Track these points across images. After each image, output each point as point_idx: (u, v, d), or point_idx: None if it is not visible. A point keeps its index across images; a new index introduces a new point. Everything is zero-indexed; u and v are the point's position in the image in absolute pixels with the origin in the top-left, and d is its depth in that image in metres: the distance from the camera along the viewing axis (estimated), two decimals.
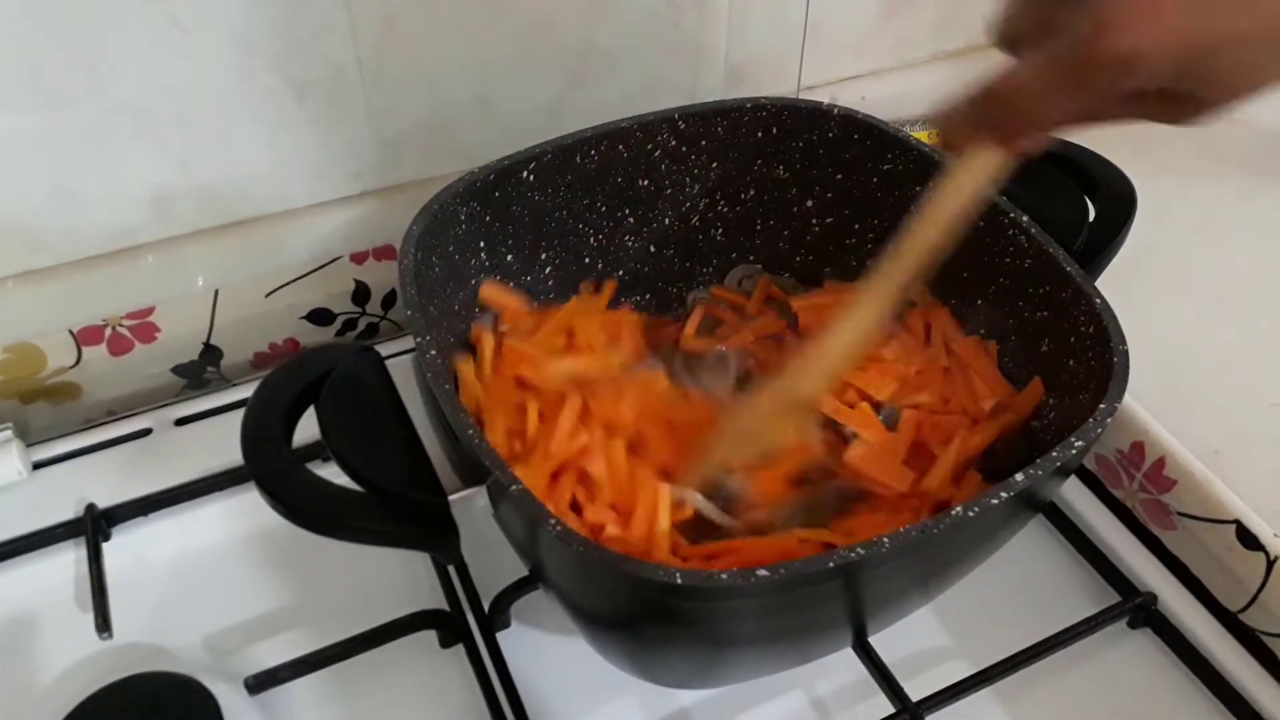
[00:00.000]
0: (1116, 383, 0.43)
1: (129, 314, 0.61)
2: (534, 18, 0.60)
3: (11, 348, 0.59)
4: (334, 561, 0.53)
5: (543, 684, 0.49)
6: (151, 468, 0.57)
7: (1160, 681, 0.50)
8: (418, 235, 0.48)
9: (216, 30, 0.53)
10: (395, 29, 0.57)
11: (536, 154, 0.53)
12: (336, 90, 0.58)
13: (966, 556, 0.43)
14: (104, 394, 0.64)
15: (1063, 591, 0.54)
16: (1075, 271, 0.48)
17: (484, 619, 0.50)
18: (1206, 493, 0.52)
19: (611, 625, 0.43)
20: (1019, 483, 0.38)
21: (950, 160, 0.39)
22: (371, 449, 0.41)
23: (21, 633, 0.51)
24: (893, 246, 0.43)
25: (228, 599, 0.53)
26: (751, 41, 0.68)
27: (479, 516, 0.45)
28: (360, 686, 0.49)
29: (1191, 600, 0.52)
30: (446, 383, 0.42)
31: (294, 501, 0.39)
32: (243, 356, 0.66)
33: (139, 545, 0.55)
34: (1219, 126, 0.81)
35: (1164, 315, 0.62)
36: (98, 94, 0.52)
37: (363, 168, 0.62)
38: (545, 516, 0.37)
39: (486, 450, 0.39)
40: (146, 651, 0.50)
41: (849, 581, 0.37)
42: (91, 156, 0.54)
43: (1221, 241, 0.70)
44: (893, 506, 0.49)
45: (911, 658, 0.50)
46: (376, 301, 0.68)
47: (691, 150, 0.58)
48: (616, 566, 0.35)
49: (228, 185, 0.59)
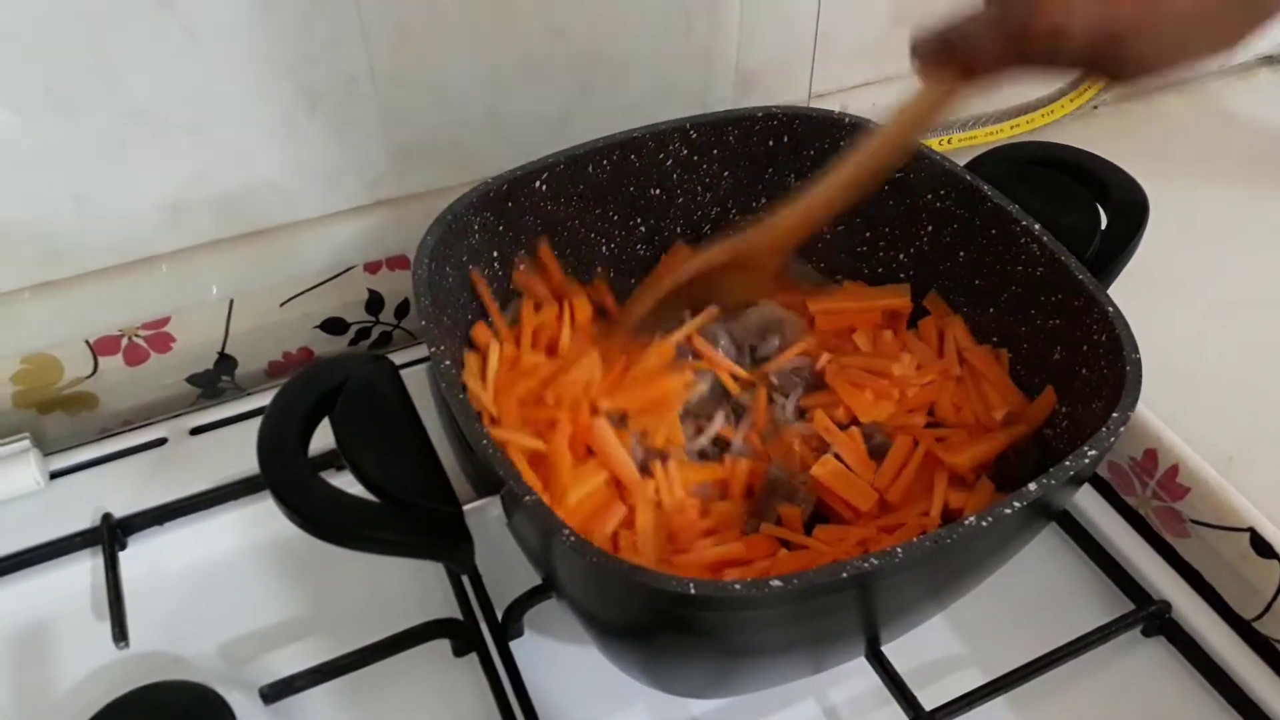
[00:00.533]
0: (1129, 391, 0.43)
1: (145, 324, 0.61)
2: (545, 27, 0.61)
3: (29, 358, 0.60)
4: (348, 570, 0.54)
5: (556, 693, 0.49)
6: (167, 477, 0.58)
7: (1174, 690, 0.50)
8: (432, 245, 0.48)
9: (230, 40, 0.53)
10: (407, 38, 0.57)
11: (549, 164, 0.54)
12: (349, 100, 0.58)
13: (980, 565, 0.43)
14: (120, 404, 0.64)
15: (1076, 600, 0.54)
16: (1087, 279, 0.48)
17: (497, 628, 0.51)
18: (1220, 500, 0.52)
19: (624, 635, 0.43)
20: (1032, 492, 0.38)
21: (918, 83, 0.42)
22: (386, 459, 0.41)
23: (39, 641, 0.52)
24: (862, 141, 0.44)
25: (242, 608, 0.53)
26: (762, 49, 0.68)
27: (492, 525, 0.45)
28: (374, 695, 0.49)
29: (1205, 608, 0.52)
30: (460, 393, 0.42)
31: (310, 512, 0.39)
32: (257, 366, 0.67)
33: (155, 554, 0.55)
34: (1231, 132, 0.81)
35: (1176, 321, 0.62)
36: (111, 103, 0.53)
37: (375, 177, 0.62)
38: (559, 527, 0.37)
39: (500, 460, 0.39)
40: (162, 660, 0.51)
41: (862, 591, 0.38)
42: (106, 166, 0.55)
43: (1234, 247, 0.70)
44: (859, 521, 0.49)
45: (924, 666, 0.50)
46: (390, 310, 0.68)
47: (703, 159, 0.58)
48: (630, 577, 0.35)
49: (242, 195, 0.60)
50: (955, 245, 0.56)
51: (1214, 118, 0.84)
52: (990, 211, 0.53)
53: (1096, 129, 0.81)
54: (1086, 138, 0.61)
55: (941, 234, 0.56)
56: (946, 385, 0.53)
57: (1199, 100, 0.85)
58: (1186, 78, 0.86)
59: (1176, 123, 0.83)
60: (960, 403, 0.53)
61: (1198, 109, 0.85)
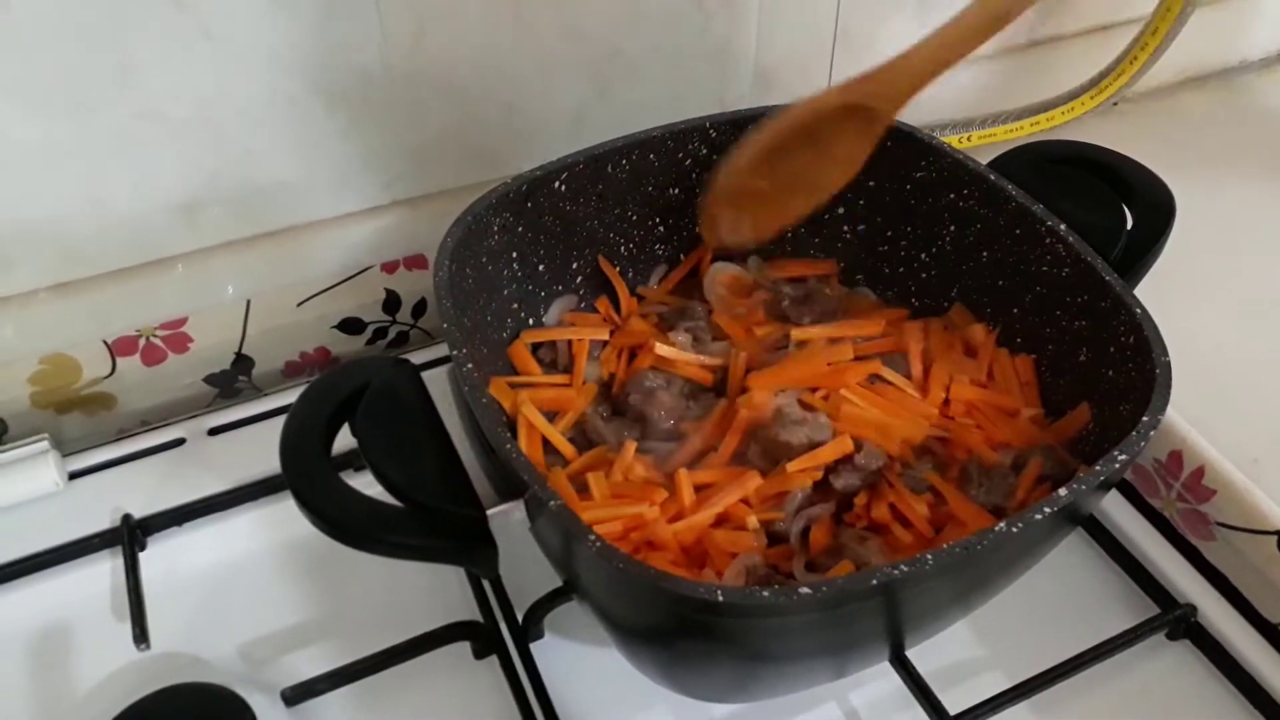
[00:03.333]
0: (1159, 394, 0.42)
1: (162, 324, 0.61)
2: (562, 25, 0.60)
3: (47, 359, 0.60)
4: (368, 572, 0.53)
5: (577, 695, 0.49)
6: (185, 477, 0.58)
7: (1200, 694, 0.50)
8: (452, 247, 0.48)
9: (246, 40, 0.53)
10: (425, 37, 0.57)
11: (569, 164, 0.53)
12: (366, 99, 0.58)
13: (1007, 571, 0.43)
14: (138, 404, 0.64)
15: (1100, 603, 0.53)
16: (1114, 280, 0.47)
17: (518, 630, 0.50)
18: (1246, 502, 0.52)
19: (648, 639, 0.43)
20: (1063, 498, 0.38)
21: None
22: (409, 463, 0.41)
23: (59, 643, 0.52)
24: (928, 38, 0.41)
25: (262, 609, 0.53)
26: (781, 45, 0.68)
27: (512, 528, 0.45)
28: (394, 698, 0.49)
29: (1232, 612, 0.52)
30: (483, 396, 0.42)
31: (336, 518, 0.39)
32: (274, 366, 0.67)
33: (174, 555, 0.55)
34: (1255, 128, 0.79)
35: (1200, 321, 0.62)
36: (128, 104, 0.52)
37: (392, 177, 0.62)
38: (585, 532, 0.36)
39: (524, 464, 0.39)
40: (183, 661, 0.51)
41: (890, 598, 0.37)
42: (122, 166, 0.55)
43: (1259, 247, 0.69)
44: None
45: (948, 670, 0.50)
46: (407, 310, 0.68)
47: (723, 158, 0.58)
48: (657, 583, 0.35)
49: (258, 195, 0.59)
50: (978, 245, 0.55)
51: (1237, 113, 0.83)
52: (1014, 211, 0.52)
53: (1118, 126, 0.80)
54: (1108, 135, 0.60)
55: (964, 234, 0.56)
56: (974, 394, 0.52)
57: (1222, 96, 0.85)
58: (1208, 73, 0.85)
59: (1200, 119, 0.82)
60: (986, 418, 0.52)
61: (1221, 105, 0.84)
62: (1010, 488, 0.47)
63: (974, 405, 0.52)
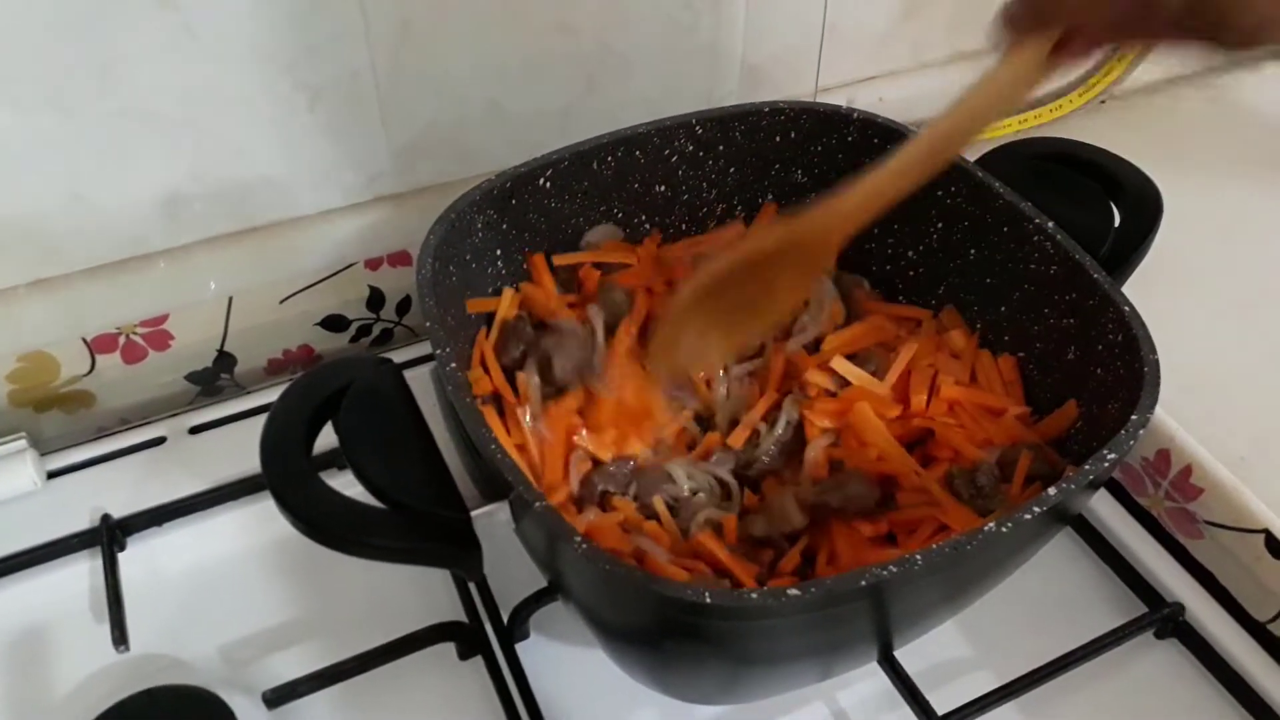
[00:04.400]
0: (1148, 393, 0.42)
1: (143, 321, 0.60)
2: (549, 22, 0.60)
3: (25, 356, 0.59)
4: (351, 572, 0.52)
5: (562, 696, 0.49)
6: (166, 477, 0.57)
7: (1188, 693, 0.50)
8: (435, 244, 0.47)
9: (230, 36, 0.52)
10: (410, 33, 0.56)
11: (553, 161, 0.53)
12: (350, 95, 0.57)
13: (996, 570, 0.43)
14: (117, 402, 0.63)
15: (1088, 602, 0.53)
16: (1102, 278, 0.47)
17: (503, 631, 0.50)
18: (1234, 501, 0.52)
19: (634, 641, 0.43)
20: (1051, 497, 0.38)
21: (998, 56, 0.39)
22: (392, 464, 0.40)
23: (37, 645, 0.51)
24: (925, 132, 0.40)
25: (243, 610, 0.52)
26: (768, 43, 0.67)
27: (497, 528, 0.44)
28: (378, 700, 0.49)
29: (1219, 610, 0.52)
30: (467, 396, 0.41)
31: (317, 520, 0.38)
32: (256, 363, 0.66)
33: (154, 556, 0.55)
34: (1242, 126, 0.79)
35: (1188, 320, 0.62)
36: (110, 99, 0.52)
37: (376, 173, 0.62)
38: (570, 534, 0.36)
39: (509, 465, 0.39)
40: (163, 663, 0.50)
41: (879, 599, 0.37)
42: (104, 162, 0.54)
43: (1247, 245, 0.69)
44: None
45: (936, 670, 0.49)
46: (391, 307, 0.67)
47: (709, 155, 0.57)
48: (643, 585, 0.35)
49: (241, 191, 0.59)
50: (966, 243, 0.55)
51: (1224, 111, 0.83)
52: (1002, 209, 0.52)
53: (1105, 124, 0.80)
54: (1095, 133, 0.60)
55: (952, 231, 0.56)
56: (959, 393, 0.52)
57: (1209, 94, 0.85)
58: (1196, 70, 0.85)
59: (1186, 117, 0.82)
60: (971, 416, 0.52)
61: (1208, 103, 0.84)
62: (996, 485, 0.47)
63: (958, 404, 0.51)
